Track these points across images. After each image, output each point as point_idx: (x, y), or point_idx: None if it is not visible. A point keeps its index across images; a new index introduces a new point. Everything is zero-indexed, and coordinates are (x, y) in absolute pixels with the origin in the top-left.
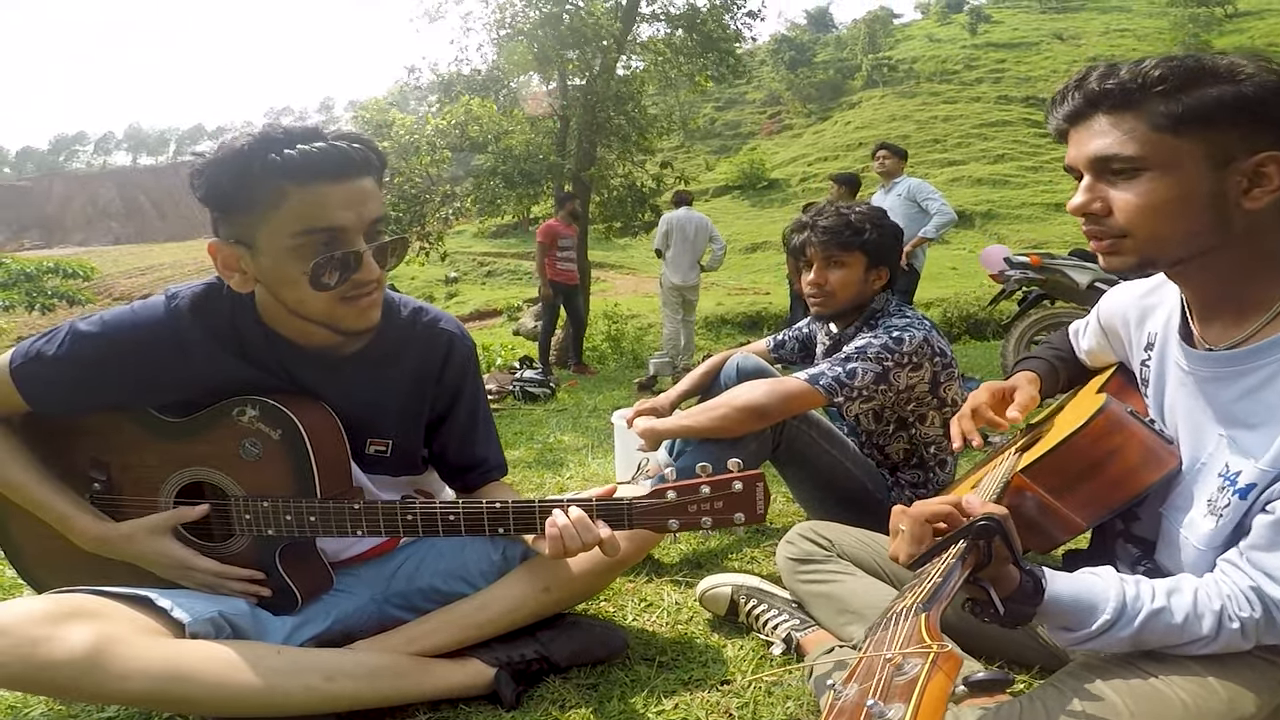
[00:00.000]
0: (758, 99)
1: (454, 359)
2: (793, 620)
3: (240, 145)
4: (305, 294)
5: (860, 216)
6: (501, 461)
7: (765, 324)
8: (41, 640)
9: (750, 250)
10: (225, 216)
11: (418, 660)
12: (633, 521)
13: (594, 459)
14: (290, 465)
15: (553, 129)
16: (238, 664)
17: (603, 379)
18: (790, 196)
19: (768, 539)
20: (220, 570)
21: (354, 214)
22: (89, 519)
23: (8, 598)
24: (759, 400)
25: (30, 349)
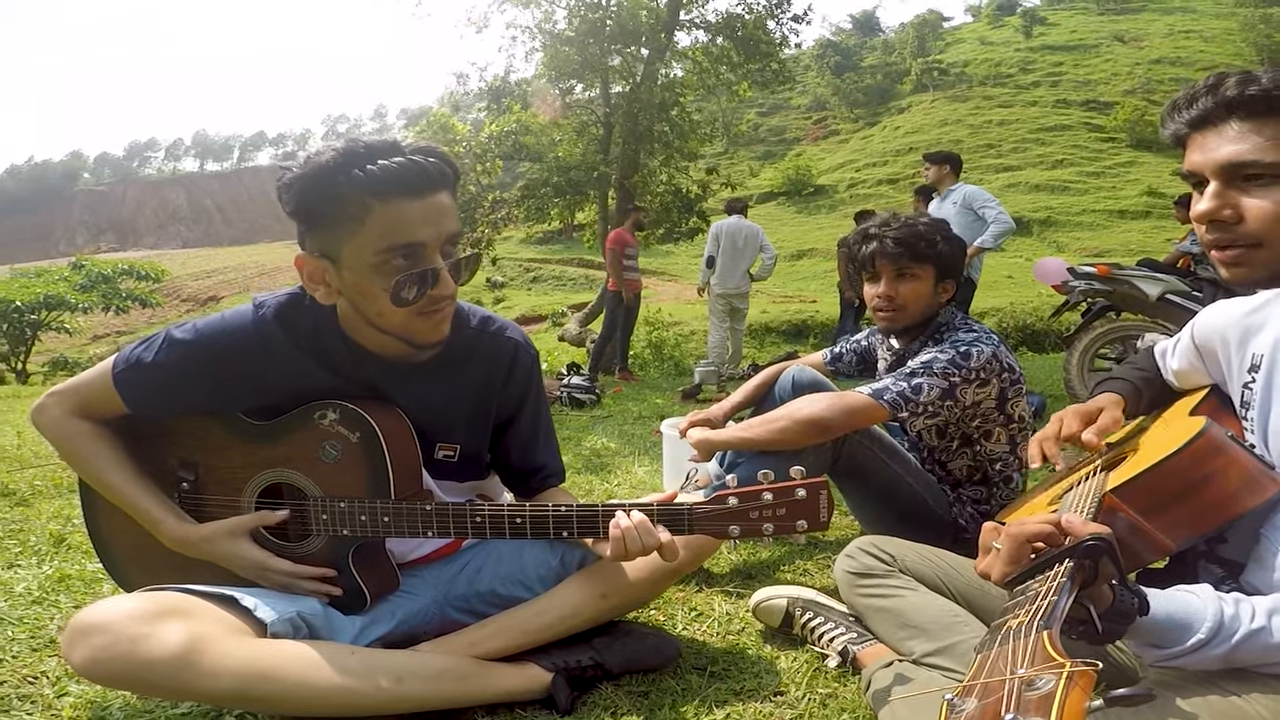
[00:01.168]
0: (802, 104)
1: (519, 367)
2: (850, 633)
3: (326, 160)
4: (385, 307)
5: (929, 227)
6: (560, 468)
7: (811, 333)
8: (140, 638)
9: (796, 257)
10: (312, 230)
11: (480, 663)
12: (693, 526)
13: (640, 466)
14: (367, 467)
15: (596, 136)
16: (318, 664)
17: (645, 386)
18: (838, 203)
19: (821, 552)
20: (295, 571)
21: (433, 229)
22: (174, 520)
23: (90, 591)
24: (821, 414)
25: (130, 355)
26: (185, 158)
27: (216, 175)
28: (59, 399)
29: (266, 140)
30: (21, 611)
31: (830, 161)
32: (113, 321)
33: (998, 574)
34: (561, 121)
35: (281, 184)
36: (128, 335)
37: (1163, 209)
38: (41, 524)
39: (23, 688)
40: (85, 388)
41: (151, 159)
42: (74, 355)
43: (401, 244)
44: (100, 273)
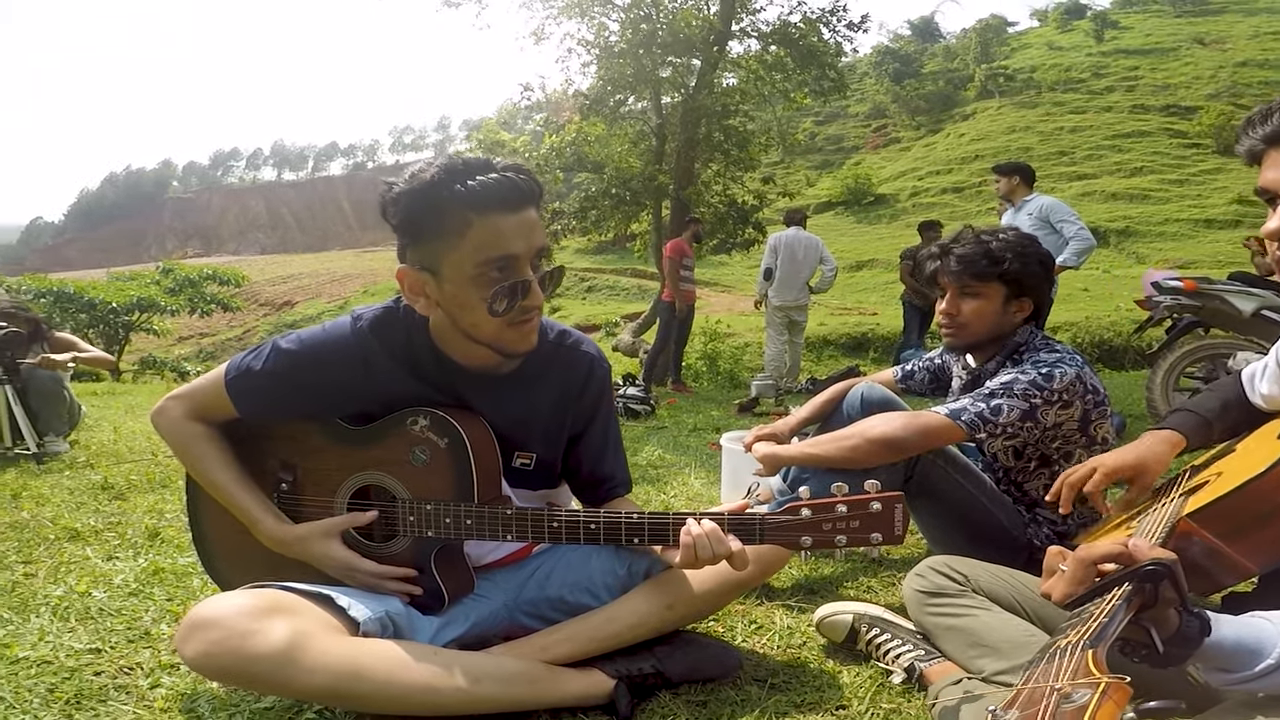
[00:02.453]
0: (861, 112)
1: (594, 380)
2: (917, 650)
3: (430, 176)
4: (480, 318)
5: (1002, 245)
6: (627, 478)
7: (871, 346)
8: (249, 634)
9: (855, 268)
10: (414, 243)
11: (549, 668)
12: (764, 536)
13: (696, 478)
14: (453, 472)
15: (649, 146)
16: (405, 663)
17: (700, 398)
18: (899, 212)
19: (887, 570)
20: (381, 571)
21: (525, 243)
22: (272, 519)
23: (181, 585)
24: (895, 433)
25: (241, 364)
26: (264, 167)
27: (292, 184)
28: (177, 402)
29: (339, 150)
30: (120, 603)
31: (891, 170)
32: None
33: (1059, 594)
34: (619, 132)
35: (388, 198)
36: (210, 337)
37: (1255, 217)
38: (138, 518)
39: (119, 678)
40: (200, 393)
41: (234, 168)
42: (161, 355)
43: (497, 257)
44: (187, 277)
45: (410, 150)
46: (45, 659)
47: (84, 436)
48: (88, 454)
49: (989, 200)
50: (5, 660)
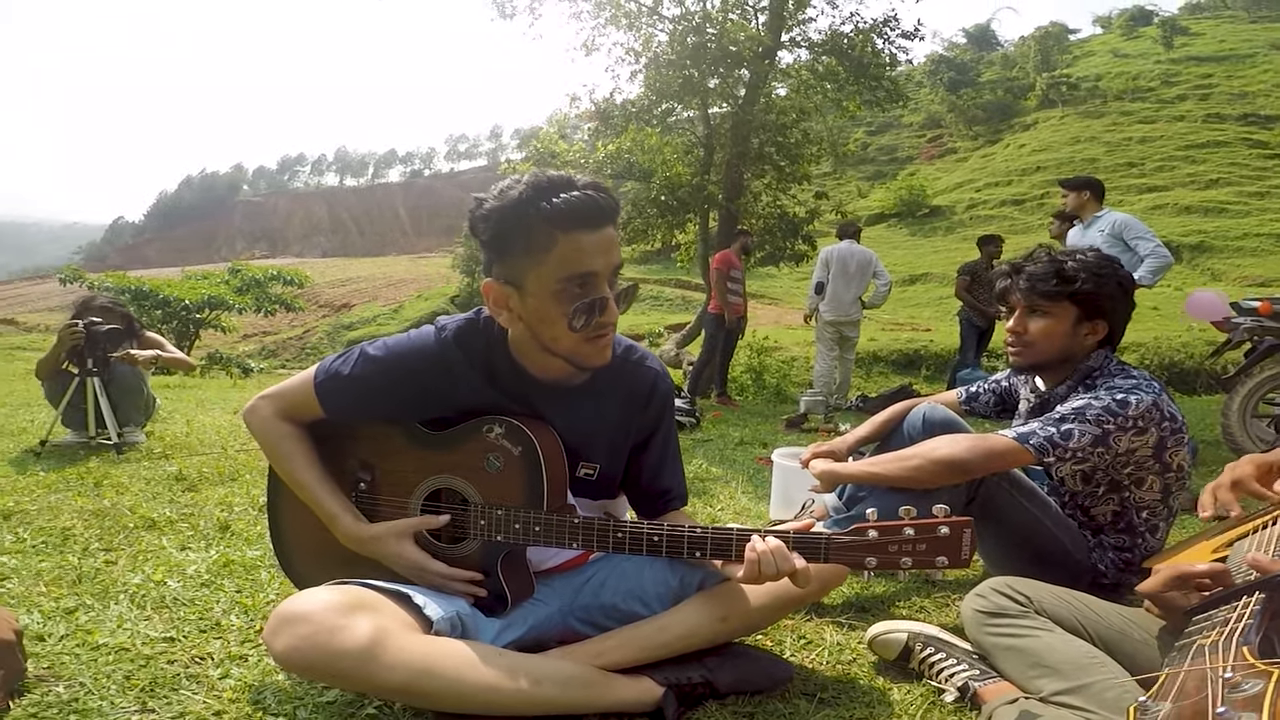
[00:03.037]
0: (915, 122)
1: (657, 395)
2: (972, 670)
3: (518, 194)
4: (560, 332)
5: (1077, 265)
6: (683, 492)
7: (924, 363)
8: (337, 629)
9: (909, 282)
10: (500, 259)
11: (603, 673)
12: (829, 556)
13: (743, 493)
14: (525, 479)
15: (698, 157)
16: (473, 662)
17: (746, 412)
18: (955, 224)
19: (941, 590)
20: (450, 573)
21: (604, 260)
22: (350, 518)
23: (250, 577)
24: (960, 455)
25: (330, 368)
26: (328, 173)
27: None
28: (267, 402)
29: (397, 158)
30: (192, 593)
31: (947, 181)
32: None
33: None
34: (667, 142)
35: (477, 215)
36: (272, 336)
37: None
38: (209, 510)
39: (191, 668)
40: (290, 394)
41: (300, 173)
42: (226, 351)
43: (579, 273)
44: (254, 277)
45: (464, 159)
46: (123, 646)
47: (158, 428)
48: (162, 445)
49: (1052, 213)
50: (87, 646)
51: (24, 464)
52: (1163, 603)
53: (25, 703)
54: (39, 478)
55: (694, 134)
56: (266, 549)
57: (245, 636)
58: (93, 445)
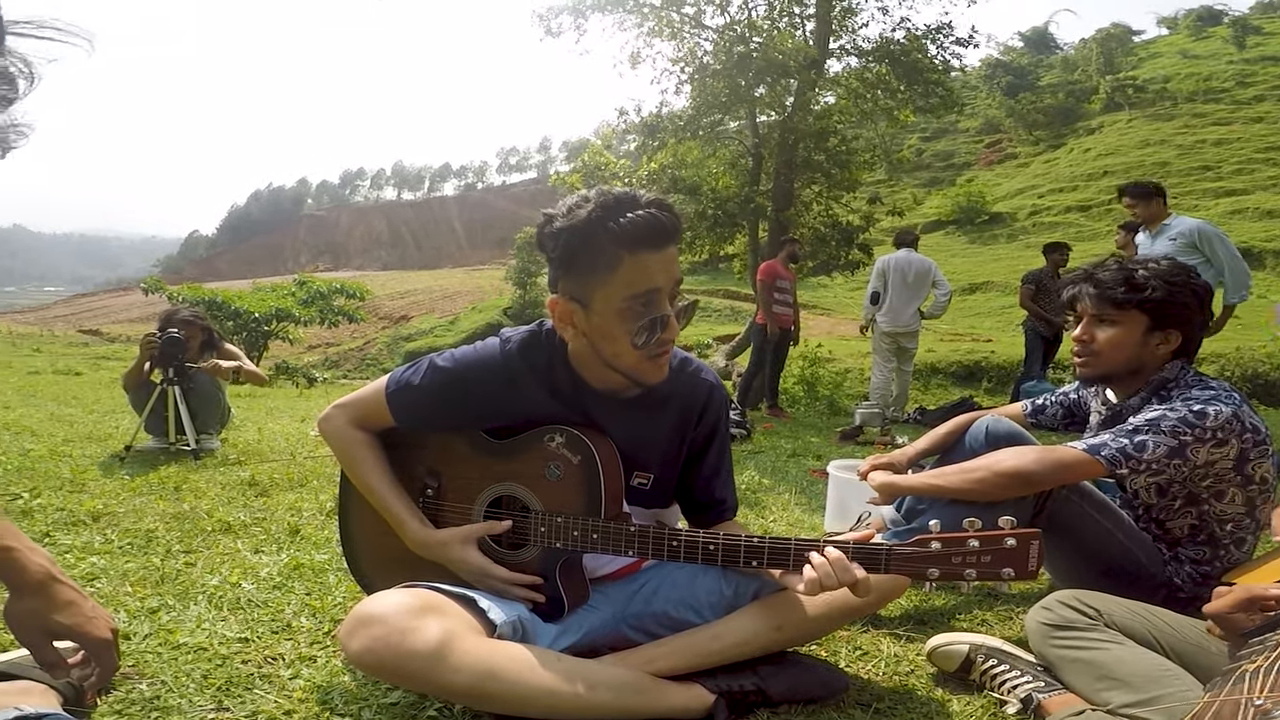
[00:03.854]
0: (972, 127)
1: (712, 406)
2: (1036, 682)
3: (586, 214)
4: (622, 348)
5: (1149, 273)
6: (735, 503)
7: (985, 375)
8: (409, 631)
9: (968, 291)
10: (567, 275)
11: (654, 679)
12: (890, 567)
13: (796, 505)
14: (583, 488)
15: (745, 167)
16: (534, 666)
17: (798, 424)
18: (1017, 231)
19: (1003, 604)
20: (510, 578)
21: (667, 278)
22: (417, 523)
23: (318, 580)
24: (1027, 467)
25: (401, 378)
26: (386, 186)
27: (410, 204)
28: (341, 411)
29: (451, 171)
30: (265, 595)
31: (1007, 187)
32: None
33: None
34: (714, 154)
35: (546, 232)
36: (335, 347)
37: None
38: (280, 514)
39: (264, 668)
40: (362, 403)
41: (360, 187)
42: (293, 362)
43: (643, 292)
44: (318, 290)
45: (515, 171)
46: (201, 645)
47: (232, 435)
48: (236, 452)
49: (1122, 218)
50: (169, 645)
51: (110, 468)
52: (1227, 624)
53: (111, 699)
54: (124, 481)
55: (742, 144)
56: (333, 553)
57: (314, 638)
58: (172, 451)
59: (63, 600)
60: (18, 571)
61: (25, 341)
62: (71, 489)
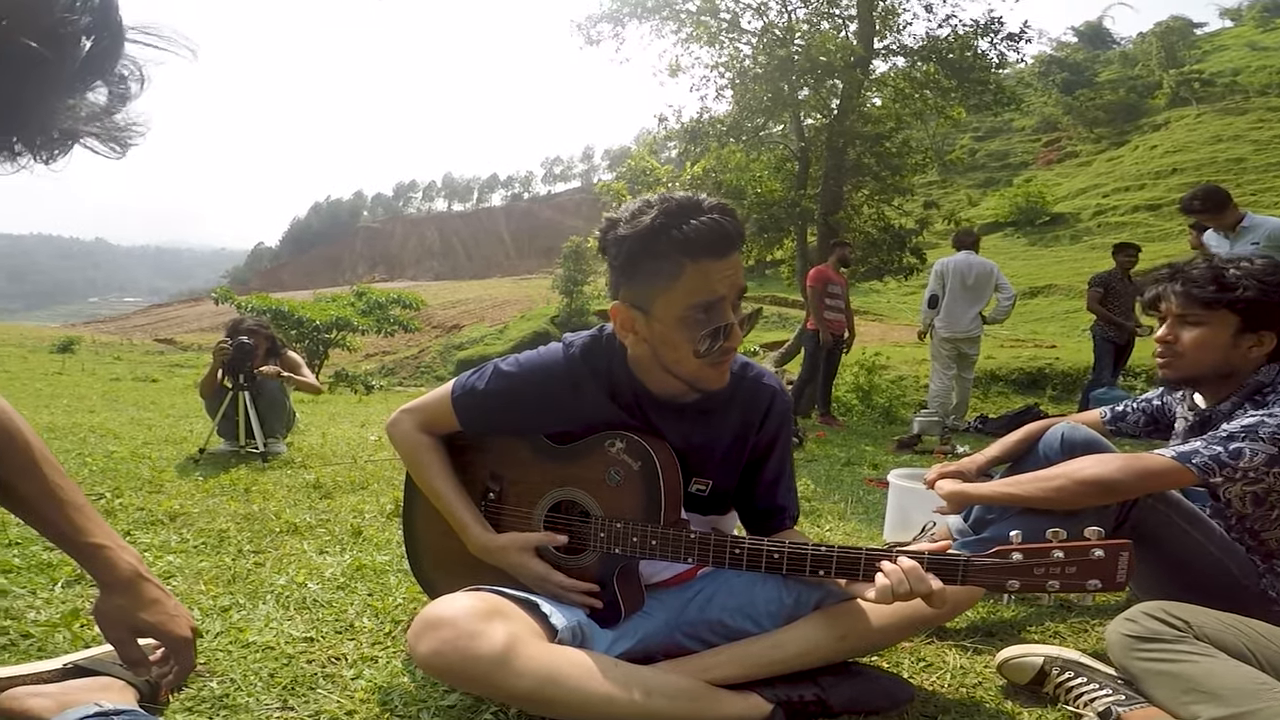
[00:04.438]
0: (1028, 126)
1: (774, 413)
2: (1116, 695)
3: (650, 221)
4: (683, 356)
5: (1241, 272)
6: (796, 511)
7: (1049, 383)
8: (475, 634)
9: (1030, 295)
10: (629, 282)
11: (710, 688)
12: (967, 578)
13: (853, 514)
14: (643, 493)
15: (792, 171)
16: (593, 672)
17: (851, 432)
18: (1081, 232)
19: (1078, 616)
20: (569, 584)
21: (729, 286)
22: (479, 528)
23: (380, 581)
24: (1110, 475)
25: (466, 383)
26: (437, 198)
27: (460, 215)
28: (408, 415)
29: (499, 182)
30: (329, 595)
31: (1069, 187)
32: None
33: None
34: (759, 158)
35: (609, 238)
36: (391, 355)
37: None
38: (343, 516)
39: (327, 667)
40: (429, 408)
41: (413, 199)
42: (351, 369)
43: (706, 300)
44: (376, 300)
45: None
46: (269, 644)
47: (297, 439)
48: (301, 455)
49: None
50: (238, 644)
51: (186, 470)
52: None
53: (183, 696)
54: (198, 483)
55: (788, 148)
56: (394, 554)
57: (375, 639)
58: (242, 454)
59: (149, 598)
60: (109, 569)
61: (107, 350)
62: (150, 489)
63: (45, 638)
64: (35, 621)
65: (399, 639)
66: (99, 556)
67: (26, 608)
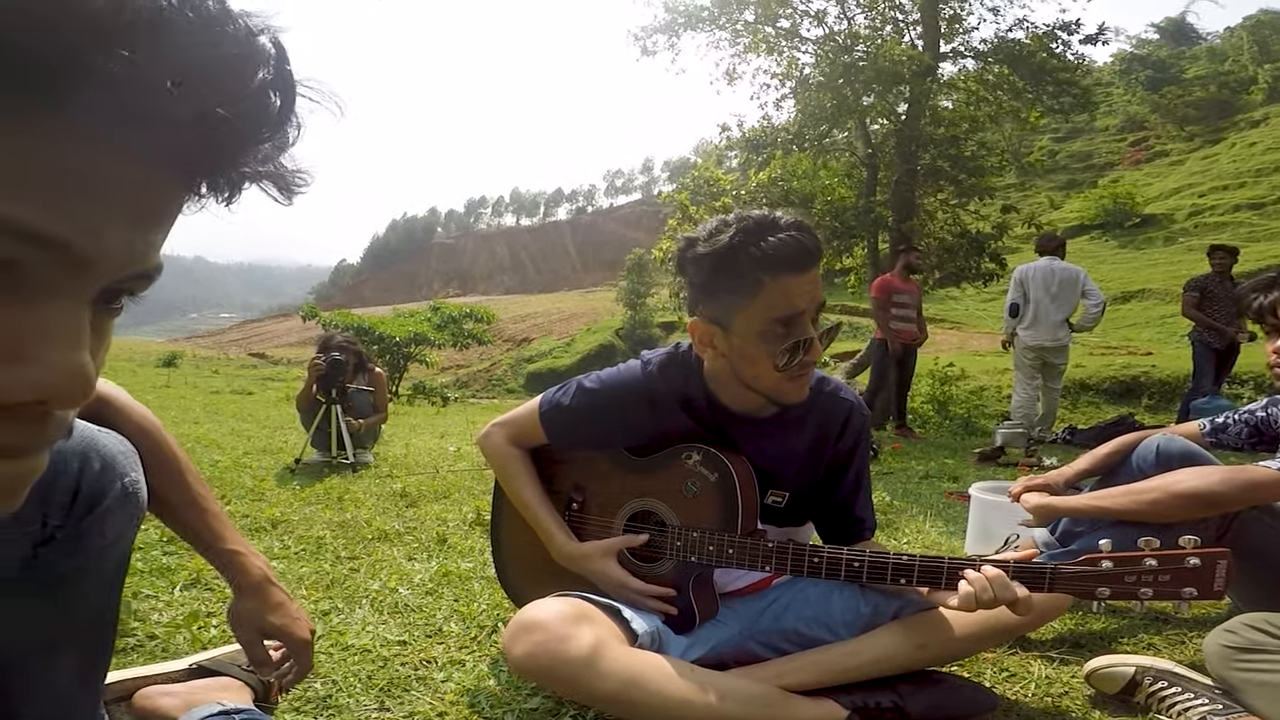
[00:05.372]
0: (1111, 125)
1: (851, 426)
2: (1213, 705)
3: (728, 239)
4: (763, 370)
5: None
6: (874, 523)
7: (1145, 392)
8: (566, 637)
9: (1121, 300)
10: (707, 299)
11: (784, 693)
12: (1054, 586)
13: (931, 527)
14: (720, 504)
15: (861, 178)
16: (671, 676)
17: (929, 445)
18: (1176, 234)
19: (1174, 627)
20: (646, 590)
21: (809, 300)
22: (564, 537)
23: (464, 587)
24: (1212, 488)
25: (552, 399)
26: (506, 213)
27: (528, 229)
28: (500, 429)
29: (563, 196)
30: (419, 600)
31: (1160, 187)
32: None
33: None
34: (826, 165)
35: (688, 256)
36: (465, 369)
37: None
38: (429, 524)
39: (419, 670)
40: (518, 422)
41: (483, 214)
42: (428, 382)
43: (785, 315)
44: (450, 315)
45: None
46: (365, 647)
47: (382, 450)
48: (387, 465)
49: None
50: (339, 647)
51: (284, 479)
52: None
53: (290, 697)
54: (295, 491)
55: (855, 154)
56: (477, 561)
57: (462, 643)
58: (333, 464)
59: (275, 601)
60: (242, 573)
61: (205, 364)
62: (253, 497)
63: (168, 639)
64: (158, 623)
65: (484, 643)
66: (234, 561)
67: (150, 610)
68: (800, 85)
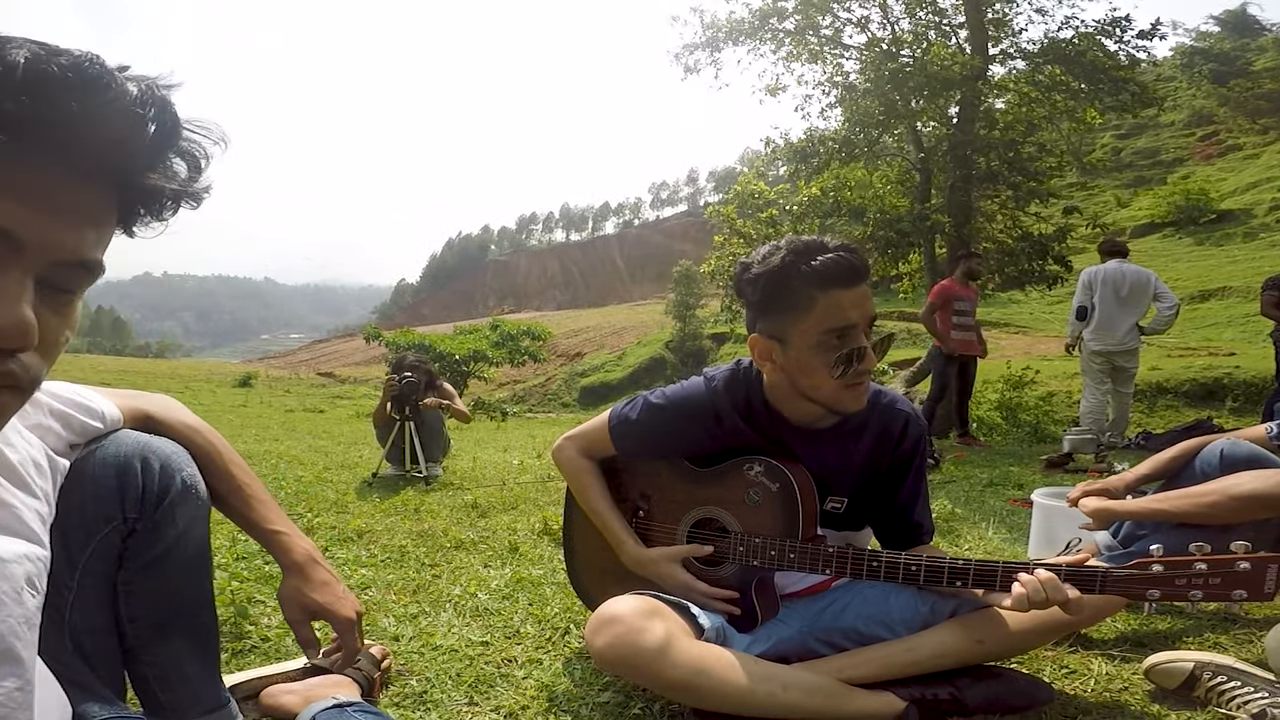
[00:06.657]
0: (1177, 120)
1: (909, 435)
2: (1274, 698)
3: (780, 260)
4: (820, 380)
5: None
6: (932, 528)
7: (1229, 394)
8: (641, 630)
9: (1199, 299)
10: (764, 316)
11: (844, 685)
12: (1105, 588)
13: (995, 534)
14: (781, 512)
15: (914, 183)
16: (735, 666)
17: (995, 453)
18: (1257, 229)
19: (1241, 627)
20: (711, 592)
21: (860, 313)
22: (633, 542)
23: (537, 592)
24: (1270, 490)
25: (620, 413)
26: (556, 229)
27: (578, 244)
28: (571, 442)
29: (610, 210)
30: (497, 604)
31: (1235, 182)
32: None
33: None
34: (878, 173)
35: (745, 279)
36: (520, 384)
37: None
38: (500, 534)
39: (502, 668)
40: (588, 435)
41: (534, 231)
42: (487, 398)
43: (838, 327)
44: (508, 332)
45: (667, 205)
46: (452, 648)
47: (451, 463)
48: (456, 478)
49: None
50: (428, 647)
51: (364, 492)
52: None
53: (390, 693)
54: (376, 504)
55: (906, 160)
56: (547, 568)
57: (539, 644)
58: (407, 477)
59: (319, 580)
60: (286, 552)
61: (278, 384)
62: (338, 510)
63: (279, 640)
64: (269, 626)
65: (559, 644)
66: (278, 541)
67: (260, 614)
68: (846, 92)
